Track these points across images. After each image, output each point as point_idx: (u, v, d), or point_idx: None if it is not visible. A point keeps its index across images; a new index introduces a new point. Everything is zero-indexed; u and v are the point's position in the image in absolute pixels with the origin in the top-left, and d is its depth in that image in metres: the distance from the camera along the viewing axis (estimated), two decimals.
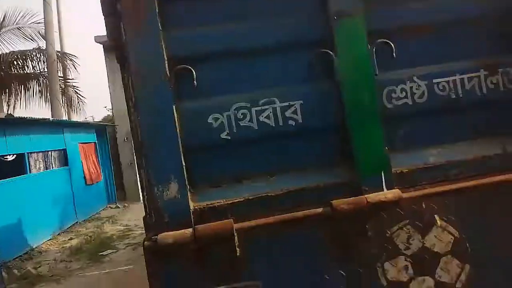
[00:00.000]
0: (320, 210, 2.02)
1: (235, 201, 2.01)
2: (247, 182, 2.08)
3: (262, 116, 2.07)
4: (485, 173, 2.17)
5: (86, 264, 7.88)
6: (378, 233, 2.10)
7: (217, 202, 2.00)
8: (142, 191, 2.00)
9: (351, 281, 2.09)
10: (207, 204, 1.99)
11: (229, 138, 2.04)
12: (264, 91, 2.08)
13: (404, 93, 2.17)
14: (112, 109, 15.20)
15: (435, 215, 2.14)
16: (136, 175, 15.31)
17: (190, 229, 1.90)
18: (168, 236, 1.87)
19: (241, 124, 2.05)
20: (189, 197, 1.96)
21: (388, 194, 2.06)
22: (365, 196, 2.05)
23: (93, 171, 12.75)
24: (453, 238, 2.15)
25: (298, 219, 2.01)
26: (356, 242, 2.09)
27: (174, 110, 1.97)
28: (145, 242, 1.90)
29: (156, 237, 1.87)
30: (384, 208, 2.06)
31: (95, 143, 13.71)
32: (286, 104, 2.08)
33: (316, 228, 2.05)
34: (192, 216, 1.94)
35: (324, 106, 2.12)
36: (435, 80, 2.20)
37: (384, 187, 2.09)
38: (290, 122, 2.08)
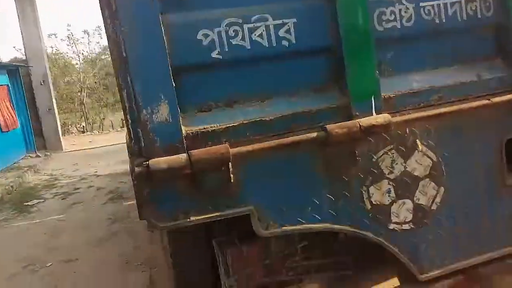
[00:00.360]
0: (315, 134, 1.97)
1: (229, 125, 1.88)
2: (239, 106, 1.95)
3: (255, 35, 1.91)
4: (462, 99, 2.25)
5: (11, 215, 7.34)
6: (365, 157, 2.11)
7: (210, 127, 1.85)
8: (125, 116, 1.78)
9: (339, 205, 2.10)
10: (199, 129, 1.84)
11: (220, 57, 1.87)
12: (256, 6, 1.91)
13: (393, 16, 2.13)
14: (24, 48, 13.70)
15: (417, 140, 2.19)
16: (57, 122, 14.31)
17: (184, 154, 1.75)
18: (161, 161, 1.70)
19: (233, 43, 1.88)
20: (180, 120, 1.79)
21: (378, 118, 2.05)
22: (357, 120, 2.02)
23: (7, 117, 11.57)
24: (431, 162, 2.23)
25: (293, 143, 1.94)
26: (345, 167, 2.09)
27: (161, 22, 1.74)
28: (136, 168, 1.71)
29: (147, 162, 1.70)
30: (374, 132, 2.06)
31: (7, 86, 12.36)
32: (280, 22, 1.93)
33: (308, 153, 2.00)
34: (185, 141, 1.78)
35: (318, 27, 2.00)
36: (421, 4, 2.17)
37: (374, 112, 2.08)
38: (284, 42, 1.95)
